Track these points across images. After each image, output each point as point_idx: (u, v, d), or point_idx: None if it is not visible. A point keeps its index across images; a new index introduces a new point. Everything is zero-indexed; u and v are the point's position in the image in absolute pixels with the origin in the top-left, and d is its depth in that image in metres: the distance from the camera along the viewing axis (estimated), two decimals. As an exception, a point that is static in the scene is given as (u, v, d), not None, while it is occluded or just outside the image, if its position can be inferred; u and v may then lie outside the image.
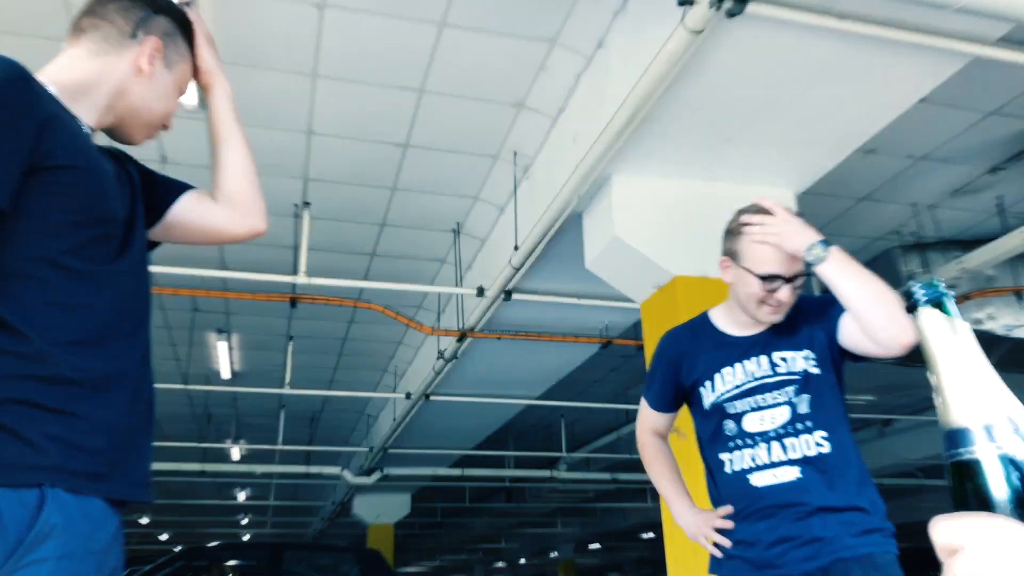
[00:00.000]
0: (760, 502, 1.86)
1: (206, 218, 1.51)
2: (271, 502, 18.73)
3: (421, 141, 5.09)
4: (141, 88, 1.34)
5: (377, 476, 12.99)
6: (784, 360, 1.91)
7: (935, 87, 3.80)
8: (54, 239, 1.12)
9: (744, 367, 1.93)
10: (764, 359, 1.92)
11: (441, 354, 7.40)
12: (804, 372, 1.88)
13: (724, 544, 1.93)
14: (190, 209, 1.48)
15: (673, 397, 2.08)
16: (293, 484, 17.37)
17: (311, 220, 5.91)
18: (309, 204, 5.85)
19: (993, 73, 4.21)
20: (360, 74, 4.42)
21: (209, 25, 1.58)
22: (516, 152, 5.19)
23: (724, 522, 1.93)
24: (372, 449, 12.02)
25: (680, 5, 3.09)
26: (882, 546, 1.78)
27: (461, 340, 6.87)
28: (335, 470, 13.00)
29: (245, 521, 23.74)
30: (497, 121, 4.89)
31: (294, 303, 6.53)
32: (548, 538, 28.17)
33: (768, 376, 1.90)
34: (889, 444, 12.53)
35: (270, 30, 4.03)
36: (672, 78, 3.45)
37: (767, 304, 1.85)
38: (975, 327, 7.19)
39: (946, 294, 0.65)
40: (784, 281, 1.83)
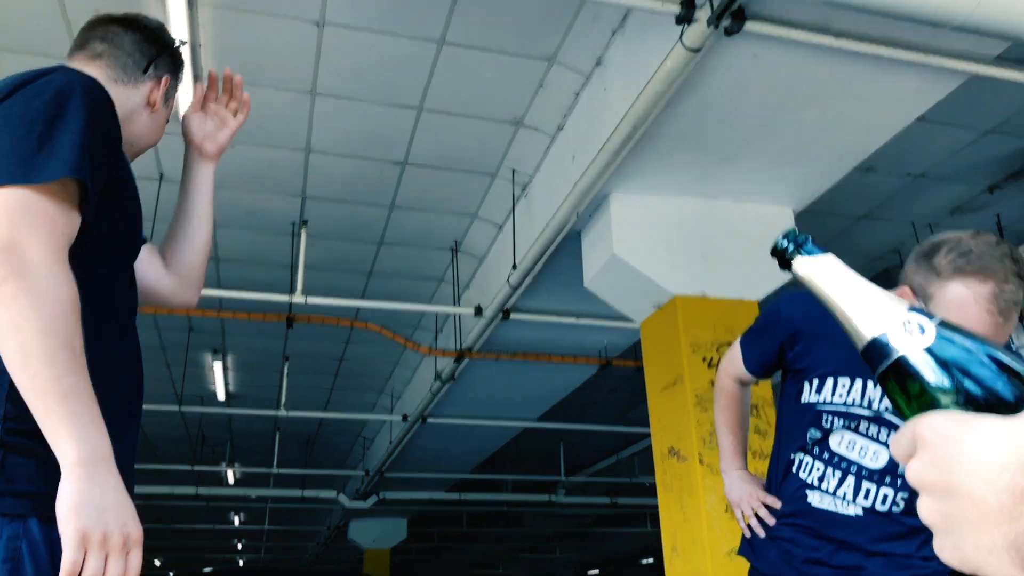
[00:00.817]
0: (810, 519, 1.69)
1: (151, 278, 1.53)
2: (266, 526, 18.51)
3: (419, 159, 5.08)
4: (146, 120, 1.41)
5: (373, 500, 12.85)
6: None
7: (933, 105, 3.80)
8: (112, 263, 1.19)
9: (865, 388, 1.63)
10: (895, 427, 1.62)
11: (438, 375, 7.34)
12: None
13: (766, 523, 1.75)
14: (142, 260, 1.48)
15: (772, 366, 1.80)
16: (289, 508, 17.20)
17: (308, 238, 5.88)
18: (307, 222, 5.83)
19: (991, 91, 4.22)
20: (358, 92, 4.42)
21: (208, 40, 1.63)
22: (514, 170, 5.19)
23: (773, 501, 1.75)
24: (368, 472, 11.90)
25: (678, 24, 3.10)
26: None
27: (459, 360, 6.82)
28: (331, 494, 12.87)
29: (240, 546, 23.46)
30: (495, 139, 4.88)
31: (290, 323, 6.48)
32: (547, 563, 27.85)
33: (885, 411, 1.62)
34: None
35: (269, 48, 4.04)
36: (670, 96, 3.44)
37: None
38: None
39: (806, 236, 0.69)
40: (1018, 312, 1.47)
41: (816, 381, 1.68)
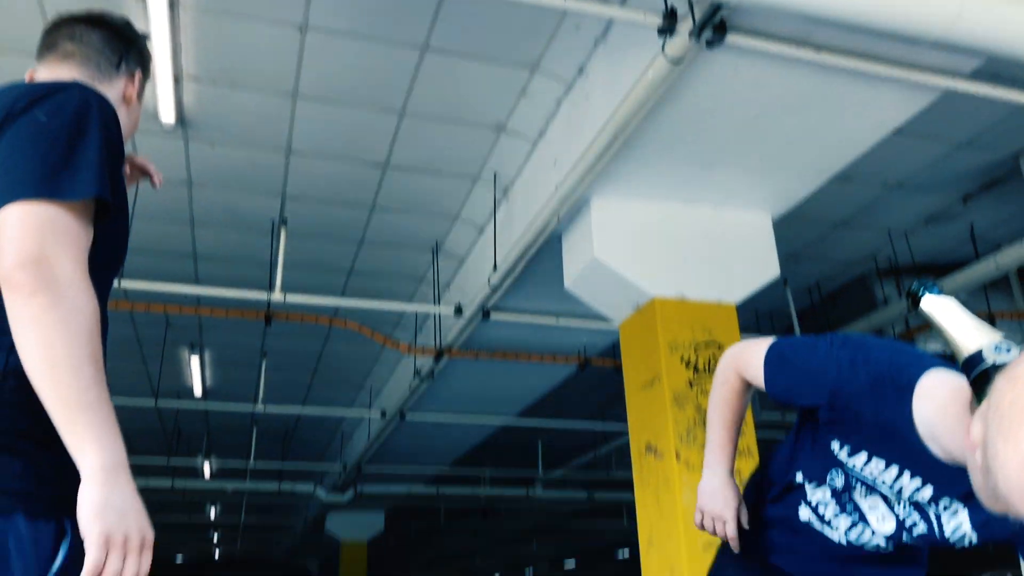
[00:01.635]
0: (796, 530, 1.62)
1: None
2: (242, 519, 18.43)
3: (401, 162, 5.08)
4: (124, 116, 1.40)
5: (351, 494, 12.85)
6: (945, 508, 1.40)
7: (909, 118, 3.88)
8: (105, 278, 1.20)
9: (900, 477, 1.39)
10: (928, 490, 1.38)
11: (418, 372, 7.35)
12: (944, 539, 1.44)
13: (734, 545, 1.64)
14: None
15: (794, 403, 1.54)
16: (265, 502, 17.13)
17: (288, 237, 5.86)
18: (286, 221, 5.81)
19: (966, 106, 4.31)
20: (341, 95, 4.41)
21: (190, 43, 1.63)
22: (496, 173, 5.21)
23: (745, 520, 1.64)
24: (346, 467, 11.90)
25: (660, 35, 3.13)
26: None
27: (438, 359, 6.84)
28: (308, 488, 12.84)
29: (216, 538, 23.33)
30: (477, 143, 4.90)
31: (268, 320, 6.45)
32: (523, 556, 28.00)
33: (908, 519, 1.45)
34: None
35: (251, 50, 4.01)
36: (651, 105, 3.48)
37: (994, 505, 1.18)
38: (948, 350, 7.29)
39: (935, 285, 1.05)
40: None
41: (848, 447, 1.45)
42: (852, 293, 7.43)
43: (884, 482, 1.42)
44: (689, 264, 4.45)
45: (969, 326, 0.98)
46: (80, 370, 0.96)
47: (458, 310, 6.02)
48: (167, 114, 4.04)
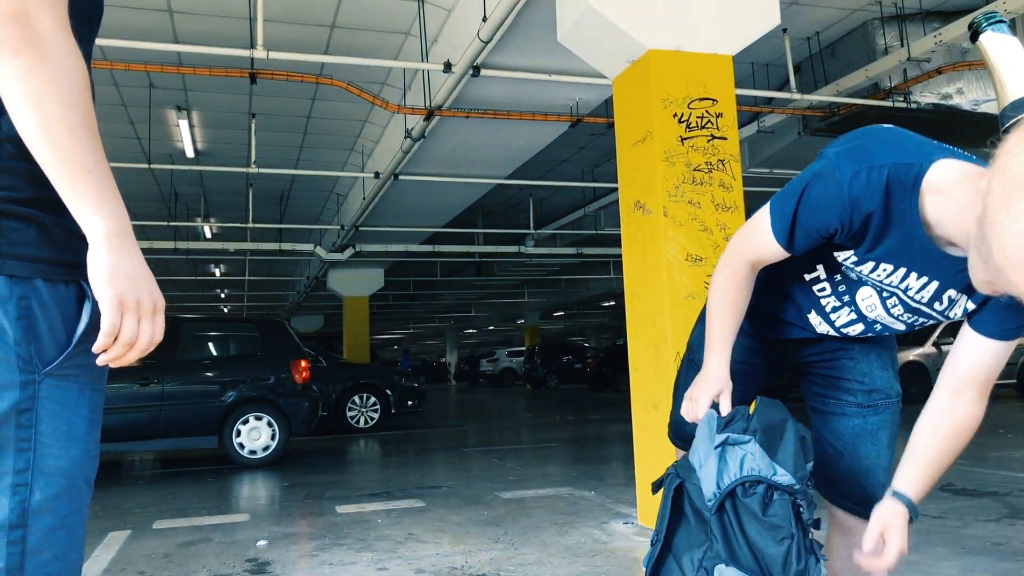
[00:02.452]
0: (800, 323, 1.71)
1: None
2: (246, 277, 19.26)
3: None
4: None
5: (350, 252, 13.34)
6: (950, 301, 1.47)
7: None
8: (87, 32, 1.11)
9: (906, 278, 1.46)
10: (933, 287, 1.45)
11: (408, 133, 7.31)
12: (953, 319, 1.53)
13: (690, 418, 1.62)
14: None
15: (813, 246, 1.50)
16: (267, 260, 17.79)
17: (265, -12, 5.53)
18: (261, -31, 5.44)
19: None
20: None
21: None
22: (484, -89, 4.80)
23: (725, 406, 1.59)
24: (344, 227, 12.22)
25: None
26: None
27: (428, 119, 6.77)
28: (308, 247, 13.29)
29: (223, 295, 24.52)
30: None
31: (253, 79, 6.28)
32: (516, 307, 29.73)
33: (920, 303, 1.50)
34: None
35: None
36: None
37: (990, 287, 1.23)
38: (942, 102, 7.26)
39: (1003, 22, 0.89)
40: None
41: (855, 256, 1.48)
42: (852, 42, 7.20)
43: (892, 284, 1.48)
44: (688, 12, 4.27)
45: (1020, 67, 0.83)
46: (75, 133, 0.93)
47: (447, 66, 5.85)
48: None
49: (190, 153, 9.32)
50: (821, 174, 1.40)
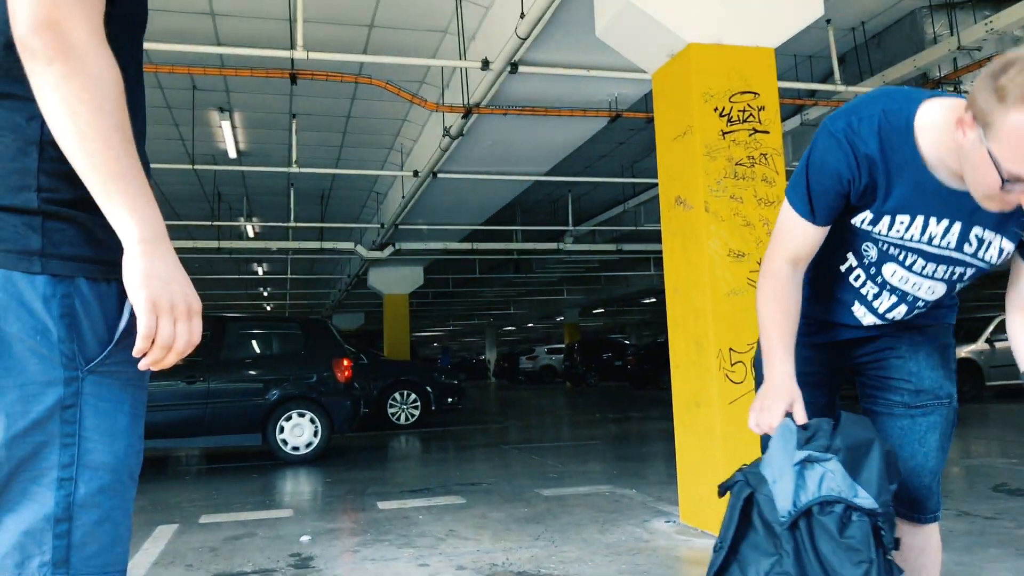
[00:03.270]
0: (846, 321, 1.70)
1: None
2: (289, 275, 19.55)
3: None
4: None
5: (390, 251, 13.45)
6: (980, 241, 1.49)
7: None
8: (132, 38, 1.12)
9: (927, 226, 1.48)
10: (957, 228, 1.47)
11: (447, 131, 7.33)
12: (992, 264, 1.55)
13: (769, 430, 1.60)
14: None
15: (839, 210, 1.55)
16: (309, 259, 18.03)
17: (305, -11, 5.59)
18: (301, -29, 5.50)
19: None
20: None
21: None
22: (521, -94, 4.78)
23: (799, 415, 1.58)
24: (383, 225, 12.32)
25: None
26: (944, 318, 1.73)
27: (466, 116, 6.78)
28: (348, 245, 13.43)
29: (266, 293, 24.93)
30: None
31: (294, 79, 6.36)
32: (555, 304, 29.68)
33: (947, 249, 1.51)
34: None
35: None
36: None
37: (993, 200, 1.32)
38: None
39: None
40: None
41: (871, 216, 1.52)
42: (899, 32, 7.01)
43: (913, 238, 1.50)
44: (727, 4, 4.20)
45: None
46: (109, 139, 0.95)
47: (485, 64, 5.85)
48: None
49: (232, 154, 9.48)
50: (817, 138, 1.51)
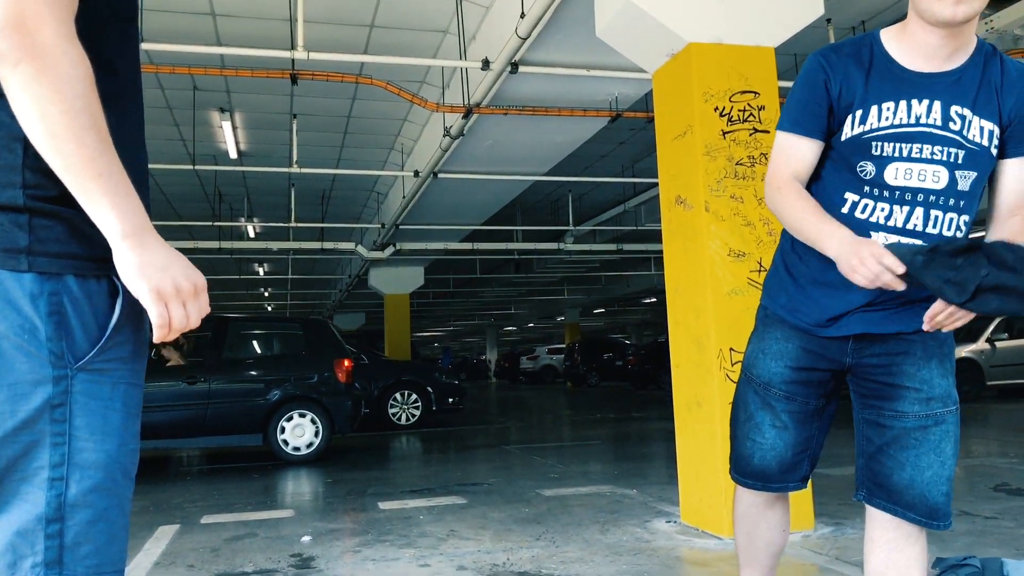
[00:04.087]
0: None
1: None
2: (289, 275, 19.56)
3: None
4: None
5: (390, 251, 13.45)
6: (961, 118, 1.59)
7: None
8: (116, 29, 1.10)
9: (911, 107, 1.60)
10: (938, 106, 1.59)
11: (447, 131, 7.34)
12: (979, 147, 1.60)
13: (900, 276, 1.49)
14: None
15: (825, 118, 1.67)
16: (310, 259, 18.04)
17: (305, -11, 5.59)
18: (302, -29, 5.50)
19: None
20: None
21: None
22: (521, -94, 4.78)
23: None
24: (384, 225, 12.32)
25: None
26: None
27: (467, 116, 6.78)
28: (349, 245, 13.43)
29: (267, 293, 24.95)
30: None
31: (295, 80, 6.36)
32: (555, 304, 29.67)
33: (935, 126, 1.59)
34: None
35: None
36: None
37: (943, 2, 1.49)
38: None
39: None
40: None
41: (859, 113, 1.63)
42: (901, 31, 7.00)
43: (903, 121, 1.60)
44: (727, 3, 4.20)
45: None
46: (82, 138, 0.94)
47: (485, 64, 5.85)
48: None
49: (233, 154, 9.48)
50: (796, 82, 1.72)
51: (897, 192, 1.61)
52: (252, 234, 14.45)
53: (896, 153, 1.60)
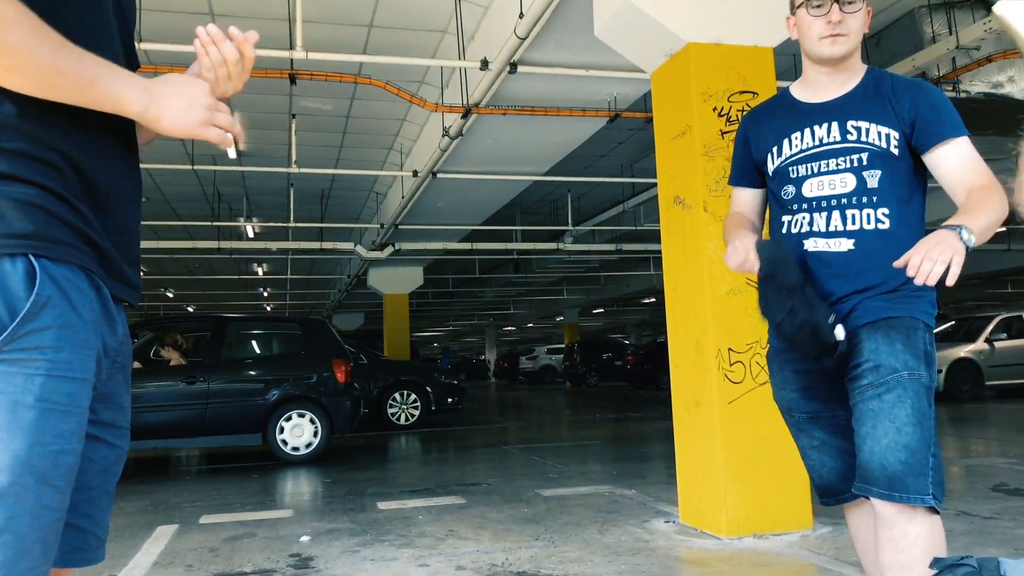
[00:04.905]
0: (812, 267, 1.85)
1: None
2: (289, 276, 19.54)
3: None
4: None
5: (390, 251, 13.44)
6: (857, 129, 1.84)
7: None
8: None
9: (813, 132, 1.89)
10: (835, 125, 1.86)
11: (446, 131, 7.33)
12: (880, 148, 1.81)
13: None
14: None
15: (752, 171, 2.05)
16: (309, 259, 18.02)
17: (304, -11, 5.59)
18: (300, -29, 5.50)
19: None
20: None
21: None
22: (520, -93, 4.78)
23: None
24: (383, 225, 12.32)
25: None
26: (912, 311, 1.77)
27: (466, 116, 6.78)
28: (348, 245, 13.42)
29: (266, 293, 24.93)
30: None
31: (293, 79, 6.35)
32: (554, 304, 29.66)
33: (836, 143, 1.85)
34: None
35: None
36: None
37: (824, 33, 1.82)
38: (993, 91, 7.03)
39: None
40: (832, 1, 1.81)
41: (776, 149, 1.94)
42: (898, 31, 7.01)
43: (809, 145, 1.88)
44: (725, 3, 4.20)
45: None
46: (57, 67, 0.92)
47: (484, 64, 5.85)
48: None
49: (232, 154, 9.40)
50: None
51: (814, 202, 1.86)
52: (251, 234, 14.43)
53: (808, 172, 1.88)
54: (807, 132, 1.89)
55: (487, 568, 3.30)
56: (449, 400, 11.09)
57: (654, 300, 26.79)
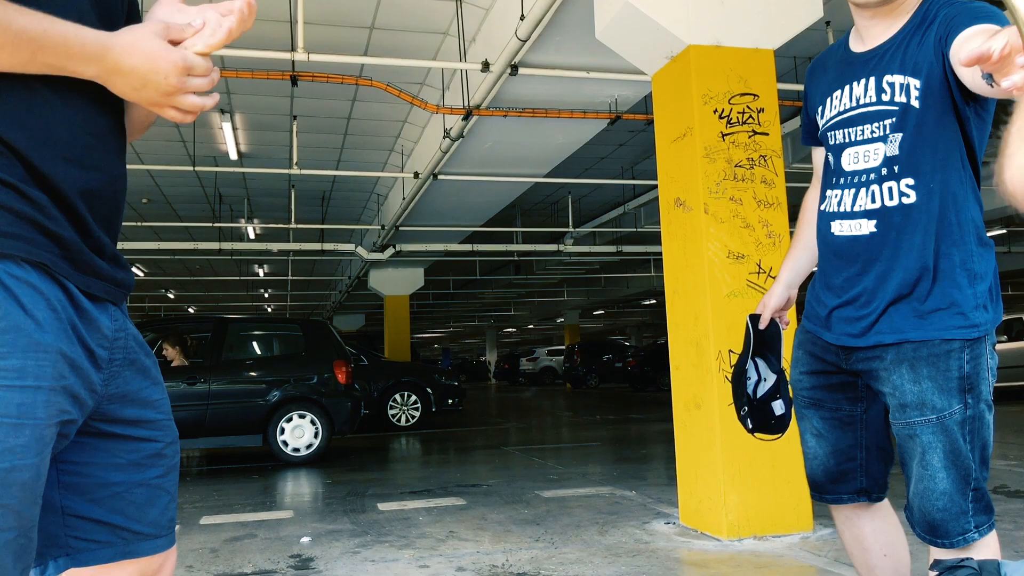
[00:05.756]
0: (835, 252, 1.69)
1: None
2: (289, 277, 19.56)
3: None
4: None
5: (390, 252, 13.45)
6: (891, 86, 1.58)
7: None
8: None
9: (852, 90, 1.65)
10: (872, 82, 1.61)
11: (447, 133, 7.34)
12: (902, 104, 1.56)
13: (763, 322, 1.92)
14: None
15: (817, 130, 1.80)
16: (310, 260, 18.04)
17: (306, -9, 5.60)
18: (302, -27, 5.51)
19: None
20: None
21: None
22: (521, -91, 4.79)
23: (765, 320, 1.92)
24: (384, 227, 12.33)
25: None
26: (943, 330, 1.55)
27: (467, 118, 6.79)
28: (349, 247, 13.43)
29: (267, 295, 24.94)
30: None
31: (295, 81, 6.37)
32: (555, 306, 29.68)
33: (871, 104, 1.61)
34: None
35: None
36: None
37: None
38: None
39: None
40: None
41: (820, 109, 1.76)
42: None
43: (846, 107, 1.66)
44: (726, 6, 4.21)
45: None
46: (16, 42, 0.84)
47: (485, 65, 5.86)
48: None
49: (233, 155, 9.49)
50: None
51: (847, 177, 1.66)
52: (252, 235, 14.46)
53: (844, 139, 1.67)
54: (847, 90, 1.67)
55: (487, 569, 3.31)
56: (450, 401, 11.10)
57: (654, 302, 26.81)
